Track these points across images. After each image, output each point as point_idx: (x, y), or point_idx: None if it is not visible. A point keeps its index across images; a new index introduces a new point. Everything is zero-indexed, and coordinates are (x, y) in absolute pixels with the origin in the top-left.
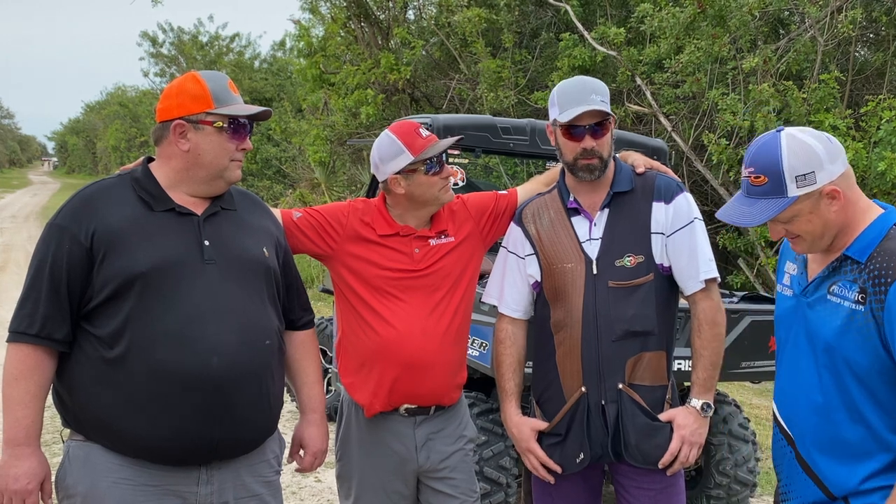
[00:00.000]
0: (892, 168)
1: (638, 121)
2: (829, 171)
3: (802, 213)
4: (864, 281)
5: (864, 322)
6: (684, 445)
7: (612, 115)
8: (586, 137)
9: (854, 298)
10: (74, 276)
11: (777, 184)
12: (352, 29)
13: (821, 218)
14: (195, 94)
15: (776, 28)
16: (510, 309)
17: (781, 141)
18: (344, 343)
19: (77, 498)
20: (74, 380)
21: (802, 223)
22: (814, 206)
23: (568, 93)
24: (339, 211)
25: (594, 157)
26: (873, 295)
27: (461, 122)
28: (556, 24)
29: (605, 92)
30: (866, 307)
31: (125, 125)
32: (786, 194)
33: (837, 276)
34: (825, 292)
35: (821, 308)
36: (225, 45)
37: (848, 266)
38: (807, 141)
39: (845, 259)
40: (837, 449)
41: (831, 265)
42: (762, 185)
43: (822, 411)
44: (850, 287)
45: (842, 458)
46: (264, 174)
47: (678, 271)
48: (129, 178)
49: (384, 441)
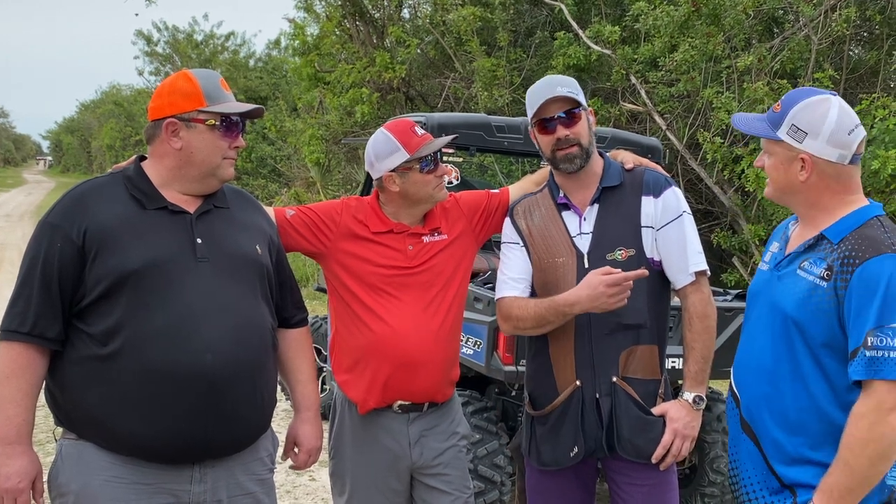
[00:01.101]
0: (885, 166)
1: (633, 119)
2: (820, 147)
3: (777, 157)
4: (833, 259)
5: (826, 298)
6: (677, 438)
7: (582, 103)
8: (558, 127)
9: (820, 274)
10: (66, 275)
11: (780, 117)
12: (347, 27)
13: (787, 175)
14: (187, 92)
15: (770, 27)
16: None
17: (815, 97)
18: (337, 340)
19: (69, 496)
20: (67, 378)
21: (773, 166)
22: (786, 161)
23: (535, 91)
24: (333, 209)
25: (572, 146)
26: (839, 274)
27: (456, 120)
28: (551, 22)
29: (571, 84)
30: (830, 284)
31: (120, 124)
32: (776, 130)
33: (810, 254)
34: (796, 267)
35: (788, 280)
36: (220, 44)
37: (822, 245)
38: (830, 113)
39: (821, 238)
40: (778, 415)
41: (807, 243)
42: (775, 112)
43: (769, 377)
44: (819, 264)
45: (781, 425)
46: (259, 173)
47: (668, 265)
48: (121, 177)
49: (378, 438)
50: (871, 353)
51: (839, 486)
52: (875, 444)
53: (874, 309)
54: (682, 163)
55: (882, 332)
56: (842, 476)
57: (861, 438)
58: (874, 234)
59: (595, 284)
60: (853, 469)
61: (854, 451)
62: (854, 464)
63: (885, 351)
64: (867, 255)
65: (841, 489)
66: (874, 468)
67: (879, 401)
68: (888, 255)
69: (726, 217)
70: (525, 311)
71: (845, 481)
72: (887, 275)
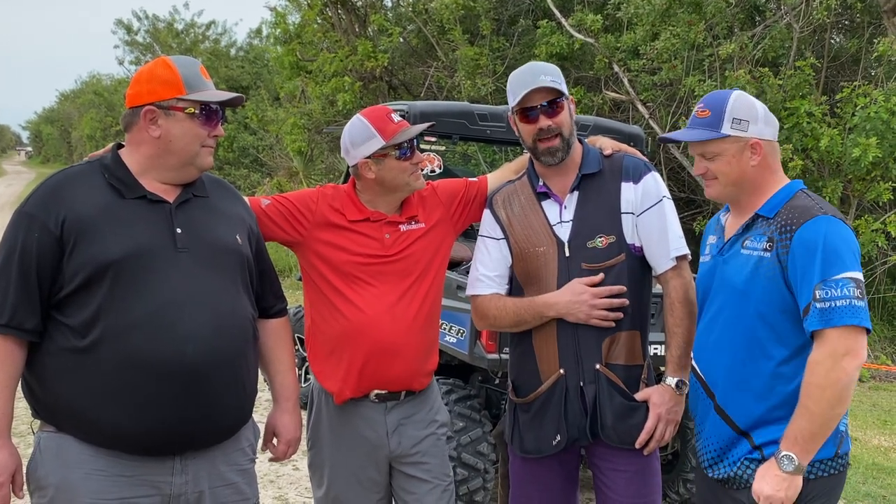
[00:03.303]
0: (866, 154)
1: (616, 108)
2: (761, 129)
3: (727, 154)
4: (771, 231)
5: (771, 266)
6: (660, 423)
7: (565, 93)
8: (540, 117)
9: (763, 247)
10: (44, 265)
11: (717, 118)
12: (328, 16)
13: (739, 166)
14: (166, 79)
15: (752, 15)
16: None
17: (734, 93)
18: (313, 330)
19: (49, 489)
20: (45, 370)
21: (723, 164)
22: (738, 152)
23: (518, 78)
24: (309, 197)
25: (553, 136)
26: (779, 242)
27: (438, 108)
28: (534, 11)
29: (555, 72)
30: (773, 253)
31: (100, 114)
32: (720, 129)
33: (749, 233)
34: (739, 248)
35: (734, 262)
36: (201, 33)
37: (759, 223)
38: (753, 101)
39: (757, 217)
40: (743, 386)
41: (744, 224)
42: (705, 117)
43: (729, 352)
44: (760, 239)
45: (747, 394)
46: (241, 163)
47: (649, 250)
48: (98, 165)
49: (355, 428)
50: (820, 306)
51: (803, 431)
52: (832, 389)
53: (817, 265)
54: (664, 151)
55: (826, 284)
56: (804, 421)
57: (819, 384)
58: (804, 203)
59: (579, 291)
60: (814, 414)
61: (814, 397)
62: (815, 409)
63: (832, 301)
64: (802, 220)
65: (805, 434)
66: (833, 411)
67: (833, 348)
68: (820, 217)
69: (708, 205)
70: (503, 311)
71: (808, 426)
72: (822, 233)
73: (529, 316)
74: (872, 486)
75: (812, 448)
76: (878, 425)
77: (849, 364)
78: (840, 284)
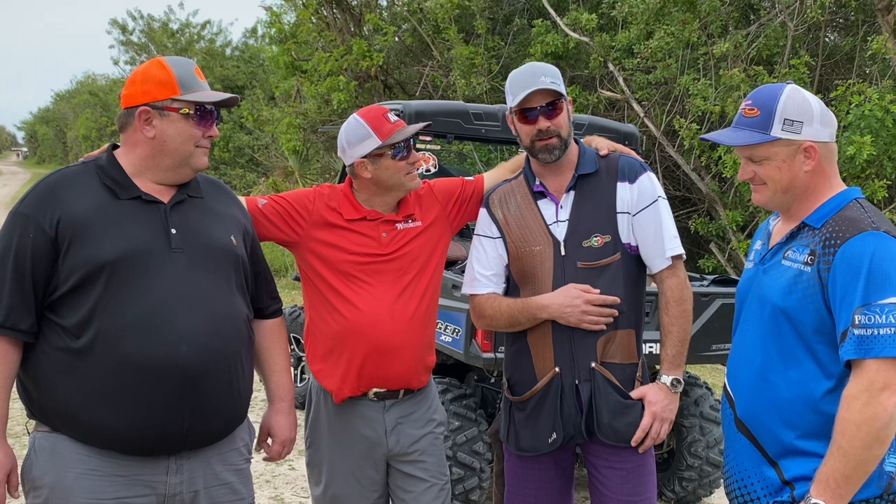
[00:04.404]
0: (861, 152)
1: (611, 107)
2: (817, 130)
3: (777, 158)
4: (815, 244)
5: (810, 282)
6: (655, 421)
7: (564, 95)
8: (540, 119)
9: (804, 260)
10: (39, 266)
11: (766, 118)
12: (323, 15)
13: (791, 171)
14: (161, 80)
15: (746, 13)
16: (482, 286)
17: (786, 88)
18: (312, 329)
19: (44, 490)
20: (40, 370)
21: (773, 169)
22: (789, 157)
23: (518, 79)
24: (305, 197)
25: (551, 137)
26: (822, 256)
27: (433, 108)
28: (529, 10)
29: (555, 74)
30: (814, 268)
31: (96, 114)
32: (769, 131)
33: (793, 243)
34: (781, 258)
35: (774, 272)
36: (196, 33)
37: (805, 232)
38: (808, 97)
39: (803, 226)
40: (773, 408)
41: (790, 233)
42: (753, 116)
43: (762, 371)
44: (803, 251)
45: (777, 418)
46: (237, 162)
47: (644, 250)
48: (93, 166)
49: (354, 426)
50: (859, 332)
51: (835, 472)
52: (868, 426)
53: (860, 287)
54: (659, 149)
55: (869, 309)
56: (837, 462)
57: (854, 421)
58: (854, 215)
59: (573, 296)
60: (848, 454)
61: (847, 435)
62: (848, 448)
63: (874, 329)
64: (848, 235)
65: (837, 476)
66: (869, 451)
67: (870, 380)
68: (870, 232)
69: (704, 203)
70: (498, 312)
71: (841, 467)
72: (870, 252)
73: (523, 317)
74: None
75: (845, 492)
76: None
77: (888, 399)
78: (885, 310)
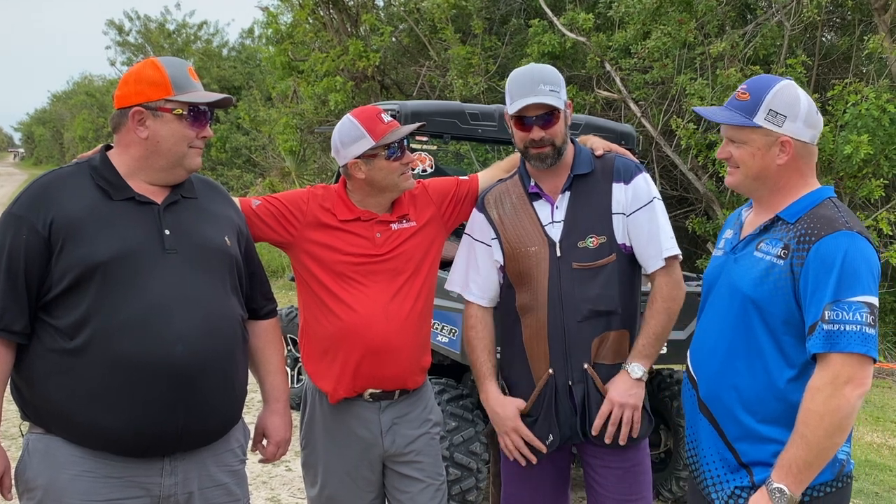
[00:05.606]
0: (857, 151)
1: (608, 106)
2: (799, 128)
3: (753, 144)
4: (789, 238)
5: (782, 275)
6: (615, 408)
7: (562, 107)
8: (534, 128)
9: (777, 253)
10: (32, 267)
11: (754, 105)
12: (320, 15)
13: (763, 160)
14: (154, 80)
15: (743, 13)
16: (475, 296)
17: (782, 81)
18: (307, 330)
19: (38, 491)
20: (33, 372)
21: (747, 154)
22: (765, 146)
23: (517, 83)
24: (299, 197)
25: (545, 146)
26: (795, 251)
27: (429, 108)
28: (526, 10)
29: (555, 81)
30: (787, 262)
31: (92, 115)
32: (753, 117)
33: (766, 235)
34: (753, 249)
35: (745, 262)
36: (192, 34)
37: (778, 226)
38: (800, 95)
39: (777, 220)
40: (735, 393)
41: (763, 225)
42: (743, 100)
43: (726, 356)
44: (776, 244)
45: (738, 403)
46: (234, 163)
47: (639, 250)
48: (86, 167)
49: (349, 427)
50: (828, 327)
51: (797, 459)
52: (831, 417)
53: (831, 284)
54: (656, 149)
55: (838, 306)
56: (799, 450)
57: (817, 411)
58: (829, 214)
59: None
60: (810, 442)
61: (811, 425)
62: (811, 437)
63: (842, 325)
64: (823, 233)
65: (799, 463)
66: (830, 440)
67: (835, 374)
68: (843, 231)
69: (701, 203)
70: (470, 345)
71: (803, 455)
72: (843, 250)
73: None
74: (865, 482)
75: (806, 478)
76: (871, 422)
77: (851, 392)
78: (853, 308)
